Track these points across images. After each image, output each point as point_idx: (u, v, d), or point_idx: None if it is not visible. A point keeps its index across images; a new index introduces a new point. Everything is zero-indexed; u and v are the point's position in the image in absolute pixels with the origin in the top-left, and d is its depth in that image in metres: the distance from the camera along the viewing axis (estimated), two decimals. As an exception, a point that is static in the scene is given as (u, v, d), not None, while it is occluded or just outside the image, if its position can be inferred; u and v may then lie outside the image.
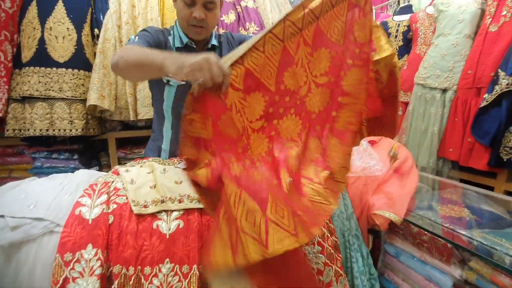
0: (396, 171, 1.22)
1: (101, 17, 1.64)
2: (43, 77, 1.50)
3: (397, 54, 2.12)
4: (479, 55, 1.56)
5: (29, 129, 1.50)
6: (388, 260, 1.21)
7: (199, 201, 0.82)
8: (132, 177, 0.87)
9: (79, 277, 0.70)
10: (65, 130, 1.54)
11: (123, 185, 0.85)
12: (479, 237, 0.89)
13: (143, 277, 0.73)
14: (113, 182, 0.87)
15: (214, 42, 1.08)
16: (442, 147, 1.74)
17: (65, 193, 0.83)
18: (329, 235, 0.98)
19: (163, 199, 0.82)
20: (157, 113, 1.13)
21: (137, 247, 0.74)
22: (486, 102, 1.46)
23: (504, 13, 1.49)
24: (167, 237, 0.77)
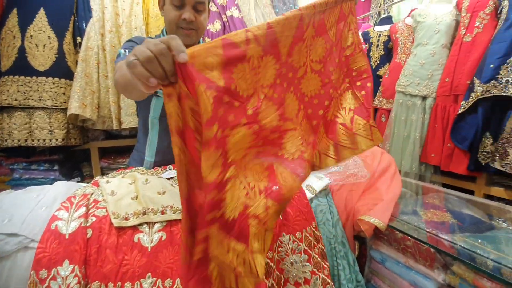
0: (379, 177, 1.24)
1: (84, 25, 1.62)
2: (22, 86, 1.46)
3: (379, 62, 2.20)
4: (455, 64, 1.63)
5: (7, 140, 1.45)
6: (374, 266, 1.21)
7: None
8: (112, 188, 0.85)
9: (55, 295, 0.66)
10: (44, 140, 1.49)
11: (103, 196, 0.82)
12: (460, 241, 0.91)
13: (123, 293, 0.70)
14: (92, 194, 0.85)
15: None
16: (424, 153, 1.79)
17: (41, 207, 0.80)
18: (316, 243, 0.98)
19: (145, 210, 0.79)
20: (143, 123, 1.11)
21: (117, 262, 0.71)
22: (463, 108, 1.51)
23: (477, 24, 1.57)
24: (149, 250, 0.74)
